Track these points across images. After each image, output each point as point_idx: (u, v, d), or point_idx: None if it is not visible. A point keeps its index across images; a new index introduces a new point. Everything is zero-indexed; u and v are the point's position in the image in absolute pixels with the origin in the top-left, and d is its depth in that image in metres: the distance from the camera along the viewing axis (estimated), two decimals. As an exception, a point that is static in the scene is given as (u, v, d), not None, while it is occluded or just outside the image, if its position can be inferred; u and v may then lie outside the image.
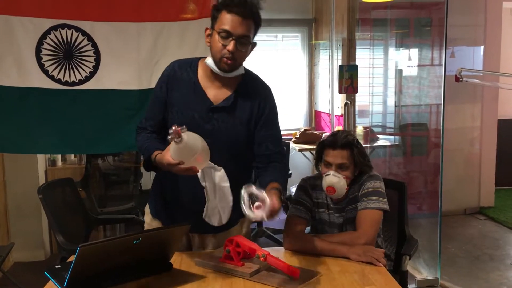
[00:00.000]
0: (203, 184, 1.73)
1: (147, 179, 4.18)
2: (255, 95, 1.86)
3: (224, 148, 1.77)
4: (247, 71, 1.89)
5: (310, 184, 2.12)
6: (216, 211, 1.78)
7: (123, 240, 1.57)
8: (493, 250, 4.24)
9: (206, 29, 1.81)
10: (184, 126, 1.56)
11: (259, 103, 1.86)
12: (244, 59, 1.80)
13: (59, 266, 1.72)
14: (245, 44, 1.75)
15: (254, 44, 1.81)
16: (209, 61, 1.80)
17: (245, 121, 1.82)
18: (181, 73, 1.85)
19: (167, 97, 1.84)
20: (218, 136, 1.79)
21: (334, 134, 2.07)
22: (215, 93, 1.82)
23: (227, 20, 1.70)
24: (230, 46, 1.71)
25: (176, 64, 1.87)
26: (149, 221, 1.99)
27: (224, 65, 1.75)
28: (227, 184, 1.74)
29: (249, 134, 1.85)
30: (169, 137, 1.55)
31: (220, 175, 1.73)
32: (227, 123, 1.81)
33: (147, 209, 2.02)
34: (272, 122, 1.90)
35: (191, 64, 1.87)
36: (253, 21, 1.74)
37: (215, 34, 1.74)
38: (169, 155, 1.62)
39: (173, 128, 1.53)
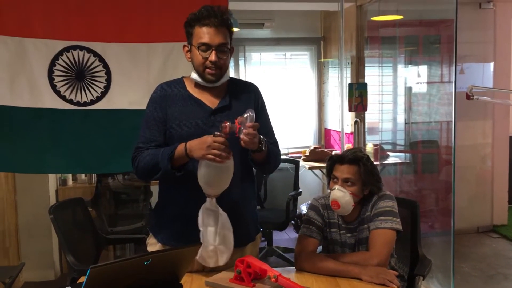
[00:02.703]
0: (201, 228, 1.76)
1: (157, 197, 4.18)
2: (246, 92, 1.95)
3: (233, 144, 1.72)
4: (230, 77, 1.97)
5: (322, 204, 2.10)
6: (214, 253, 1.79)
7: (133, 262, 1.56)
8: (507, 269, 4.16)
9: (184, 46, 1.88)
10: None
11: (253, 98, 1.94)
12: (227, 66, 1.87)
13: (69, 287, 1.71)
14: (225, 52, 1.81)
15: (232, 50, 1.88)
16: (194, 75, 1.86)
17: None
18: (171, 90, 1.89)
19: (164, 116, 1.85)
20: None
21: (344, 151, 2.07)
22: (209, 100, 1.87)
23: (203, 33, 1.77)
24: (212, 56, 1.78)
25: (163, 85, 1.93)
26: (154, 243, 1.97)
27: (209, 76, 1.82)
28: (230, 230, 1.77)
29: None
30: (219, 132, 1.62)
31: (223, 220, 1.77)
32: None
33: (151, 239, 1.99)
34: (265, 114, 1.97)
35: (177, 82, 1.93)
36: (226, 28, 1.81)
37: (194, 49, 1.81)
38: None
39: (227, 124, 1.63)
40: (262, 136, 1.75)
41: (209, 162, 1.66)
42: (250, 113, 1.64)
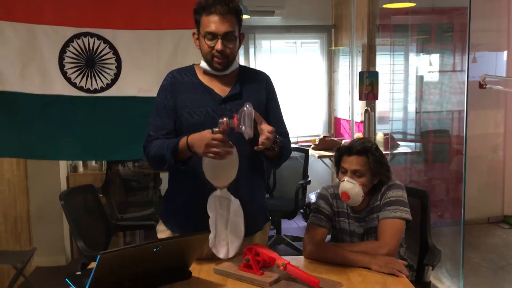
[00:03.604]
0: (210, 213, 1.75)
1: (167, 185, 4.20)
2: (257, 80, 1.93)
3: (241, 137, 1.69)
4: (241, 65, 1.96)
5: (331, 193, 2.09)
6: (225, 243, 1.78)
7: (143, 248, 1.58)
8: (518, 260, 4.15)
9: (193, 34, 1.87)
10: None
11: (264, 86, 1.93)
12: (235, 53, 1.85)
13: (79, 273, 1.73)
14: (232, 40, 1.79)
15: (242, 36, 1.87)
16: (203, 64, 1.86)
17: (256, 106, 1.82)
18: (182, 77, 1.89)
19: (174, 103, 1.84)
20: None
21: (352, 141, 2.05)
22: (220, 88, 1.86)
23: (209, 22, 1.76)
24: (218, 45, 1.76)
25: (174, 72, 1.92)
26: (163, 230, 1.98)
27: (216, 64, 1.81)
28: (241, 218, 1.76)
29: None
30: (218, 128, 1.59)
31: (235, 208, 1.76)
32: None
33: (161, 226, 2.00)
34: (276, 104, 1.96)
35: (188, 69, 1.92)
36: (233, 15, 1.78)
37: (201, 38, 1.80)
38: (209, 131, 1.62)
39: (224, 119, 1.58)
40: (277, 136, 1.73)
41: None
42: (248, 106, 1.59)
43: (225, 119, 1.59)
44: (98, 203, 3.00)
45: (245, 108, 1.59)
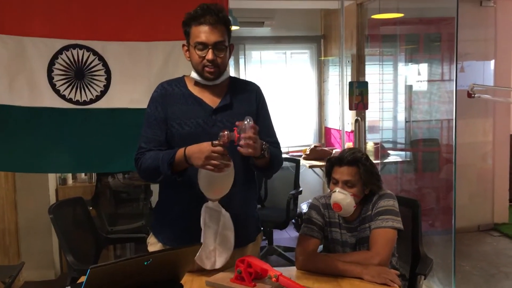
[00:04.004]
0: (202, 226, 1.74)
1: (157, 197, 4.18)
2: (247, 91, 1.94)
3: (232, 148, 1.71)
4: (231, 76, 1.96)
5: (323, 203, 2.09)
6: (212, 254, 1.78)
7: (133, 262, 1.55)
8: (508, 268, 4.16)
9: (183, 45, 1.88)
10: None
11: (254, 96, 1.93)
12: (225, 63, 1.85)
13: (69, 287, 1.70)
14: (222, 50, 1.80)
15: (232, 47, 1.87)
16: (194, 74, 1.86)
17: (246, 115, 1.83)
18: (172, 89, 1.89)
19: (165, 115, 1.84)
20: None
21: (342, 151, 2.06)
22: (210, 99, 1.86)
23: (199, 32, 1.77)
24: (209, 55, 1.77)
25: (164, 83, 1.92)
26: (154, 243, 1.97)
27: (207, 74, 1.81)
28: (231, 231, 1.76)
29: None
30: (218, 141, 1.59)
31: (225, 221, 1.76)
32: (231, 122, 1.80)
33: (151, 238, 1.98)
34: (266, 114, 1.96)
35: (178, 80, 1.93)
36: (223, 25, 1.79)
37: (192, 48, 1.80)
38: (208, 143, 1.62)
39: (226, 132, 1.59)
40: (264, 142, 1.73)
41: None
42: (248, 120, 1.61)
43: (226, 132, 1.60)
44: (87, 216, 2.97)
45: (245, 122, 1.60)
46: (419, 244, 2.26)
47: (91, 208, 3.52)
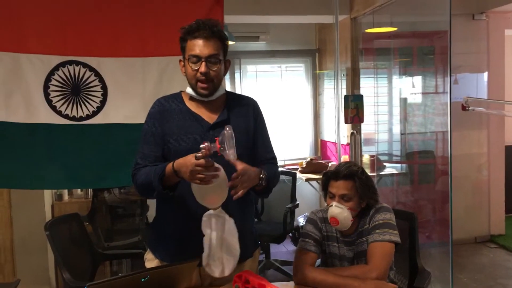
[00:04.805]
0: (205, 231, 1.72)
1: (154, 212, 4.16)
2: (244, 106, 1.94)
3: (229, 163, 1.70)
4: (228, 91, 1.97)
5: (320, 217, 2.09)
6: (219, 262, 1.75)
7: (130, 278, 1.54)
8: (506, 280, 4.15)
9: (180, 61, 1.88)
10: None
11: (251, 111, 1.93)
12: (220, 78, 1.85)
13: (65, 305, 1.69)
14: (215, 63, 1.80)
15: (228, 62, 1.88)
16: (189, 90, 1.87)
17: (244, 131, 1.85)
18: (169, 104, 1.89)
19: (162, 131, 1.84)
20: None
21: (338, 165, 2.06)
22: (207, 115, 1.87)
23: (193, 46, 1.79)
24: (202, 68, 1.78)
25: (161, 99, 1.93)
26: (151, 259, 1.95)
27: (201, 89, 1.81)
28: (236, 237, 1.74)
29: (249, 143, 1.89)
30: (200, 153, 1.57)
31: (230, 226, 1.73)
32: None
33: (149, 254, 1.98)
34: (264, 129, 1.97)
35: (175, 96, 1.93)
36: (218, 39, 1.81)
37: (186, 62, 1.82)
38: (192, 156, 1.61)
39: (205, 144, 1.57)
40: (262, 171, 1.74)
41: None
42: (227, 129, 1.59)
43: (206, 143, 1.58)
44: (84, 232, 2.95)
45: (225, 132, 1.59)
46: (416, 257, 2.26)
47: (87, 224, 3.50)
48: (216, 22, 1.83)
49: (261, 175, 1.74)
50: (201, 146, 1.58)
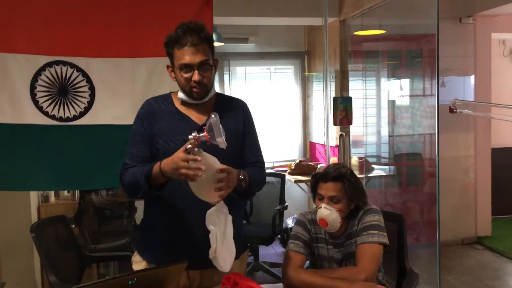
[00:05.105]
0: (210, 228, 1.68)
1: (142, 214, 4.14)
2: (234, 107, 1.93)
3: (214, 149, 1.67)
4: (218, 93, 1.96)
5: (309, 219, 2.09)
6: (223, 257, 1.71)
7: (117, 281, 1.53)
8: (493, 281, 4.19)
9: (168, 66, 1.87)
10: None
11: (241, 113, 1.93)
12: (212, 81, 1.85)
13: (51, 308, 1.67)
14: (207, 69, 1.80)
15: (216, 61, 1.87)
16: (181, 95, 1.85)
17: (233, 132, 1.84)
18: (159, 105, 1.88)
19: (151, 132, 1.83)
20: (211, 153, 1.77)
21: (327, 167, 2.07)
22: (197, 116, 1.86)
23: (183, 55, 1.76)
24: (195, 76, 1.76)
25: (150, 100, 1.92)
26: (139, 261, 1.94)
27: (195, 94, 1.81)
28: (232, 234, 1.72)
29: (239, 145, 1.88)
30: (189, 144, 1.56)
31: (230, 223, 1.71)
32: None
33: (136, 257, 1.95)
34: (253, 131, 1.96)
35: (165, 97, 1.92)
36: (205, 43, 1.78)
37: (177, 70, 1.80)
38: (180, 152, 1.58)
39: (193, 134, 1.55)
40: (241, 172, 1.72)
41: None
42: (213, 116, 1.57)
43: (194, 133, 1.57)
44: (70, 234, 2.92)
45: (210, 119, 1.57)
46: (404, 259, 2.27)
47: (74, 226, 3.46)
48: (201, 26, 1.80)
49: (240, 176, 1.72)
50: (190, 136, 1.57)
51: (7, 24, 2.47)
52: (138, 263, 1.92)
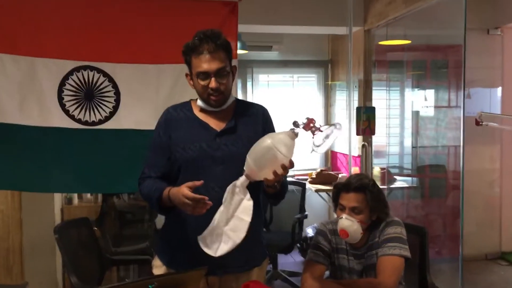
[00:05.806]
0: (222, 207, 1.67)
1: (162, 218, 4.17)
2: (253, 114, 1.93)
3: (237, 172, 1.70)
4: (237, 99, 1.96)
5: (330, 229, 2.08)
6: (219, 239, 1.67)
7: (137, 285, 1.54)
8: (517, 298, 4.09)
9: (186, 75, 1.88)
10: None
11: (260, 118, 1.93)
12: (230, 88, 1.85)
13: (72, 309, 1.69)
14: (225, 76, 1.80)
15: (235, 68, 1.88)
16: (199, 102, 1.87)
17: (252, 139, 1.81)
18: (177, 113, 1.90)
19: (169, 141, 1.85)
20: (229, 160, 1.79)
21: (349, 177, 2.05)
22: (216, 123, 1.86)
23: (199, 62, 1.77)
24: (212, 83, 1.77)
25: (169, 109, 1.93)
26: (159, 266, 1.95)
27: (213, 102, 1.81)
28: (248, 220, 1.66)
29: None
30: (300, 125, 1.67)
31: (246, 206, 1.67)
32: (235, 146, 1.82)
33: (156, 261, 1.97)
34: None
35: (184, 105, 1.93)
36: (222, 51, 1.78)
37: (195, 78, 1.81)
38: (185, 189, 1.62)
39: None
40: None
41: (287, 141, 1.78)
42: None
43: (309, 118, 1.72)
44: (92, 236, 2.96)
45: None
46: (426, 273, 2.24)
47: (96, 228, 3.51)
48: (218, 33, 1.80)
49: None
50: (304, 122, 1.78)
51: (36, 30, 2.54)
52: (159, 268, 1.93)
